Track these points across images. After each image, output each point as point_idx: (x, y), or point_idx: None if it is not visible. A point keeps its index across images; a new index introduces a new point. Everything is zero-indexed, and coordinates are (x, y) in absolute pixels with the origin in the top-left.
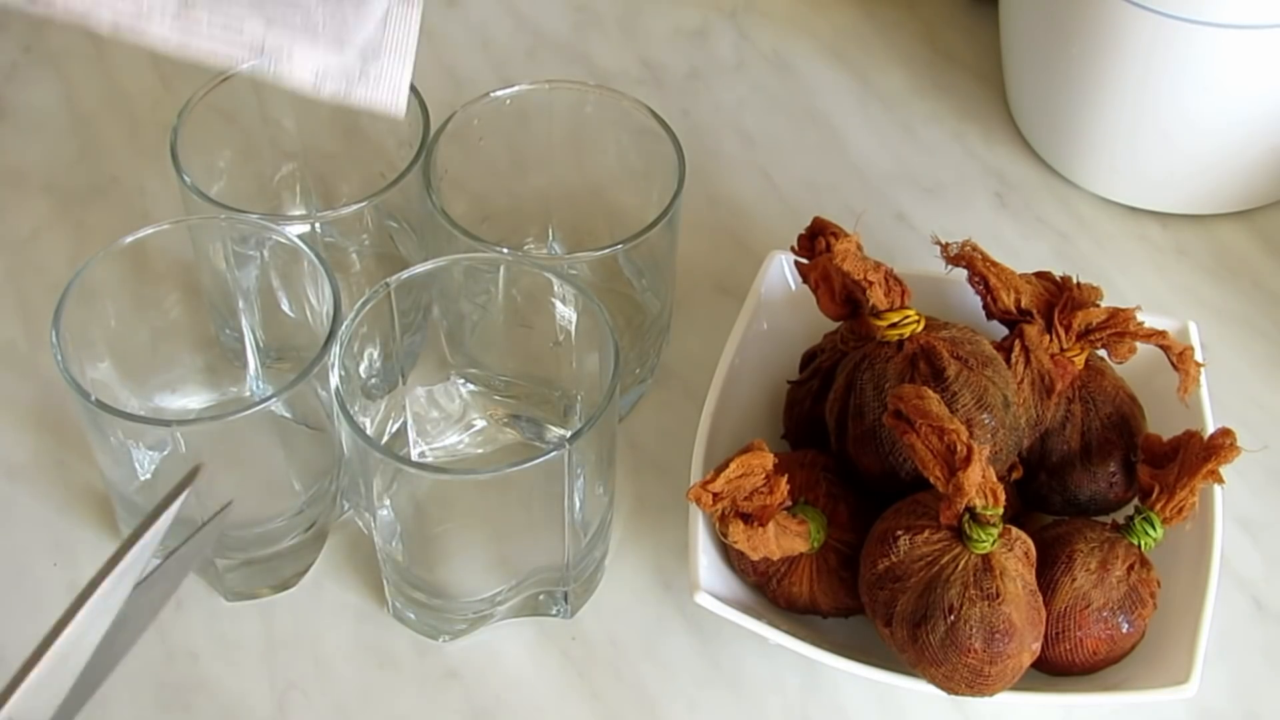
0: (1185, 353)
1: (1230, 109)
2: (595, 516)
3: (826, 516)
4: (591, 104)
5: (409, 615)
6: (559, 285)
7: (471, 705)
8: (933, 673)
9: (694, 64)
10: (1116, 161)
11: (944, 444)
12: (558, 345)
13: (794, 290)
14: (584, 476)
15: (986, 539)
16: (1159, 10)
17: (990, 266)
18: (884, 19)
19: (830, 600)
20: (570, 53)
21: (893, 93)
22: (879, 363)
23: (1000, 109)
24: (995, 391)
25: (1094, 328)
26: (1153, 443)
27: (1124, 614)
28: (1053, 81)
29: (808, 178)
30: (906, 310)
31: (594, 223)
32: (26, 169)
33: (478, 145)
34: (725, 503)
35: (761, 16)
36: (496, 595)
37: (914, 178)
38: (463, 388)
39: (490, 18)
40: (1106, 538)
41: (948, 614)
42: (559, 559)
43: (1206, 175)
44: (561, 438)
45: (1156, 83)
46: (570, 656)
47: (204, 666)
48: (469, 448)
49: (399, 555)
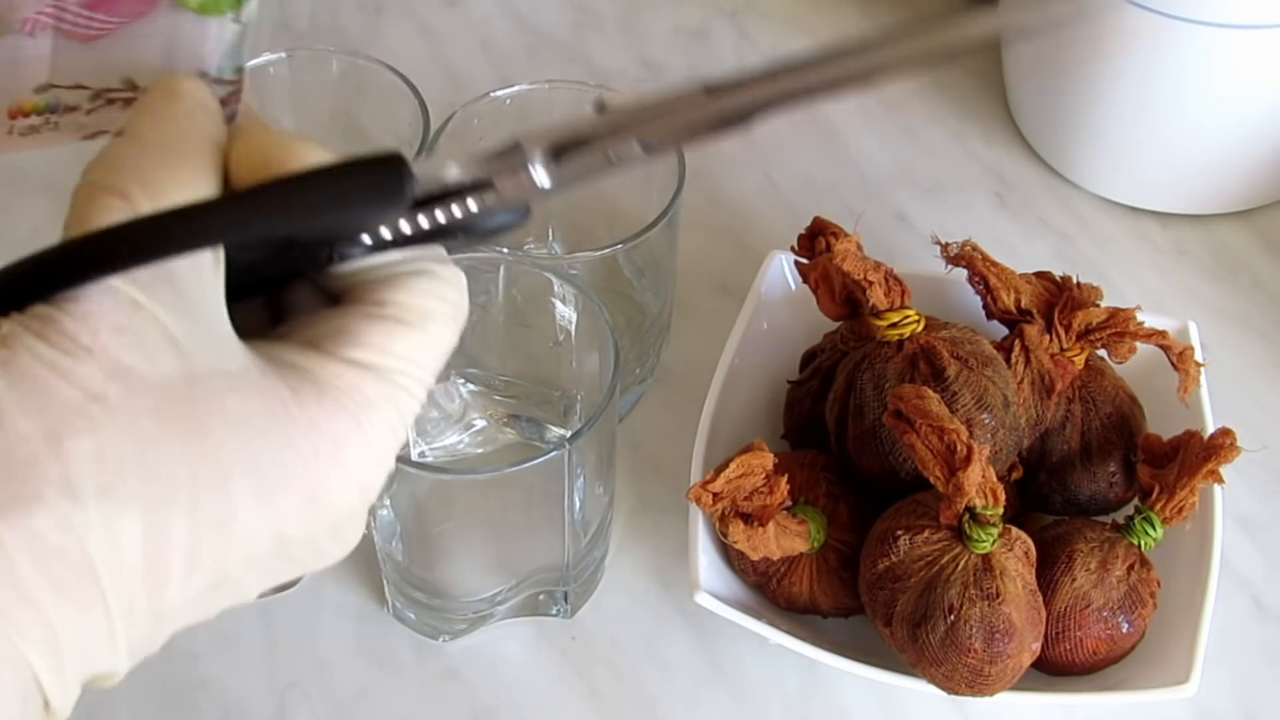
0: (1185, 353)
1: (1230, 109)
2: (595, 516)
3: (826, 516)
4: (591, 104)
5: (409, 615)
6: (559, 285)
7: (471, 705)
8: (933, 673)
9: (694, 64)
10: (1116, 161)
11: (944, 444)
12: (558, 345)
13: (794, 290)
14: (584, 476)
15: (986, 539)
16: (1159, 10)
17: (990, 266)
18: (884, 19)
19: (830, 600)
20: (570, 53)
21: (893, 93)
22: (879, 363)
23: (1000, 109)
24: (995, 391)
25: (1094, 328)
26: (1153, 443)
27: (1124, 614)
28: (1053, 81)
29: (808, 178)
30: (906, 310)
31: (594, 223)
32: (27, 169)
33: (478, 145)
34: (725, 503)
35: (761, 16)
36: (496, 595)
37: (914, 178)
38: (463, 388)
39: (490, 18)
40: (1106, 538)
41: (948, 614)
42: (559, 559)
43: (1206, 175)
44: (561, 438)
45: (1156, 83)
46: (570, 656)
47: (204, 666)
48: (469, 448)
49: (399, 555)
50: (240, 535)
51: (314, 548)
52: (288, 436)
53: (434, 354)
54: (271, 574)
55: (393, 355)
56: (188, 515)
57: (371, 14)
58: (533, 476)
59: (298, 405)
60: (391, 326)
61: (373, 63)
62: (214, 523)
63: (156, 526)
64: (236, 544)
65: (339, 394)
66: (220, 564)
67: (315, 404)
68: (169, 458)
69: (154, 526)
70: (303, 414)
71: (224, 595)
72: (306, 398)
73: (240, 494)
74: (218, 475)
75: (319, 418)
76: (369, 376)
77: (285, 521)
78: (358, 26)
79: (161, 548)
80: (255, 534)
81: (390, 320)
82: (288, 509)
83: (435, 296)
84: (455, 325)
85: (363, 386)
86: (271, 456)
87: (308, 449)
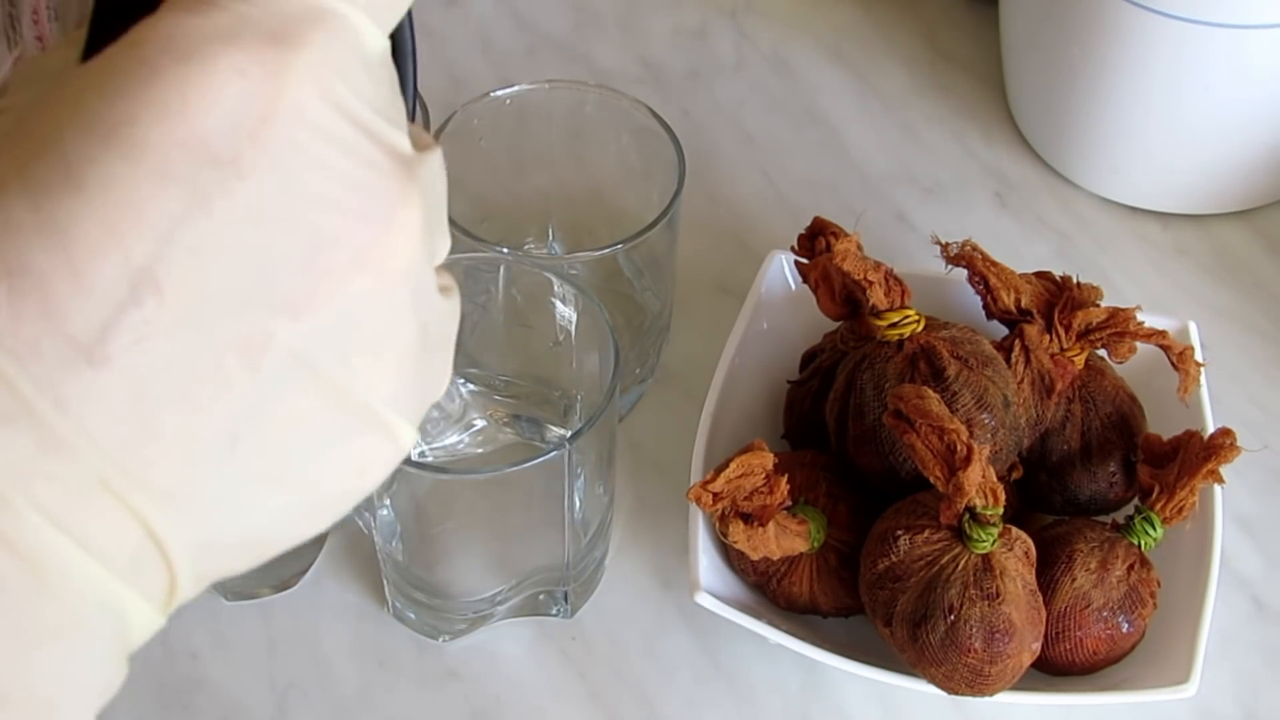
0: (1185, 353)
1: (1230, 109)
2: (595, 516)
3: (826, 516)
4: (591, 104)
5: (409, 615)
6: (559, 285)
7: (471, 705)
8: (933, 673)
9: (694, 64)
10: (1116, 161)
11: (944, 444)
12: (558, 345)
13: (794, 290)
14: (584, 476)
15: (986, 539)
16: (1159, 10)
17: (990, 266)
18: (884, 19)
19: (830, 600)
20: (570, 53)
21: (893, 93)
22: (879, 363)
23: (1000, 109)
24: (995, 391)
25: (1094, 328)
26: (1153, 443)
27: (1124, 614)
28: (1053, 81)
29: (808, 178)
30: (906, 310)
31: (594, 223)
32: None
33: (478, 145)
34: (725, 503)
35: (761, 16)
36: (496, 595)
37: (914, 178)
38: (463, 388)
39: (490, 18)
40: (1106, 538)
41: (948, 614)
42: (559, 559)
43: (1206, 175)
44: (561, 438)
45: (1156, 83)
46: (570, 656)
47: (204, 666)
48: (469, 448)
49: (399, 555)
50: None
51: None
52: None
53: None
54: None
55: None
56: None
57: None
58: (533, 476)
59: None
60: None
61: None
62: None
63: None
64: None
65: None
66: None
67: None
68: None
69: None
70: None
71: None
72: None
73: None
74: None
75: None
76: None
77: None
78: None
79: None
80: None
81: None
82: None
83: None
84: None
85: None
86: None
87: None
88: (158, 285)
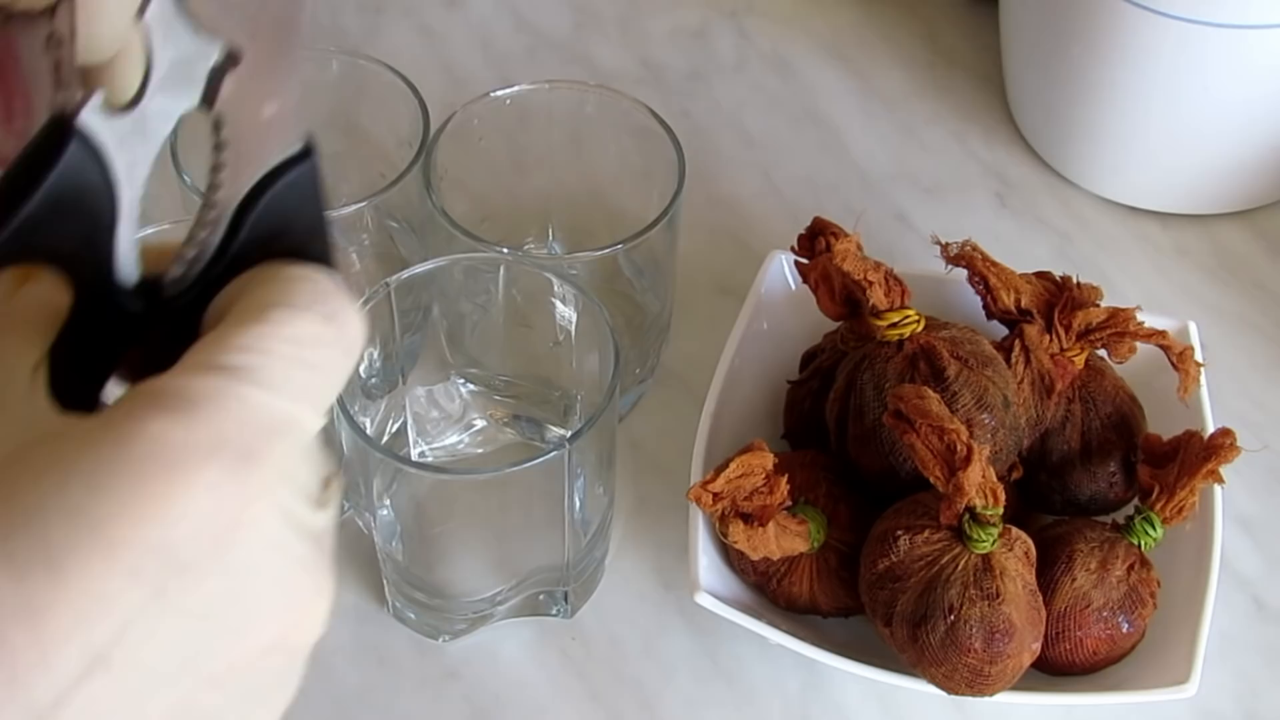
0: (1185, 353)
1: (1230, 109)
2: (595, 516)
3: (826, 516)
4: (591, 104)
5: (409, 615)
6: (559, 285)
7: (471, 705)
8: (933, 673)
9: (694, 64)
10: (1116, 161)
11: (944, 444)
12: (558, 345)
13: (794, 290)
14: (584, 476)
15: (986, 539)
16: (1159, 10)
17: (990, 266)
18: (884, 19)
19: (830, 600)
20: (570, 53)
21: (893, 93)
22: (879, 363)
23: (1000, 109)
24: (995, 391)
25: (1094, 328)
26: (1153, 443)
27: (1124, 614)
28: (1053, 81)
29: (808, 178)
30: (906, 310)
31: (594, 223)
32: None
33: (478, 145)
34: (725, 503)
35: (761, 16)
36: (496, 595)
37: (914, 178)
38: (463, 388)
39: (490, 18)
40: (1106, 538)
41: (948, 614)
42: (559, 559)
43: (1206, 175)
44: (561, 438)
45: (1157, 83)
46: (570, 656)
47: None
48: (469, 448)
49: (399, 555)
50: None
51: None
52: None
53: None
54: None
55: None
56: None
57: (371, 14)
58: (533, 476)
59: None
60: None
61: (373, 63)
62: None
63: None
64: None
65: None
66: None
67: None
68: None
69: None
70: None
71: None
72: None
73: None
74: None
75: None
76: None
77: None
78: (357, 26)
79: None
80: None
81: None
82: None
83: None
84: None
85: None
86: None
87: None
88: (109, 664)
